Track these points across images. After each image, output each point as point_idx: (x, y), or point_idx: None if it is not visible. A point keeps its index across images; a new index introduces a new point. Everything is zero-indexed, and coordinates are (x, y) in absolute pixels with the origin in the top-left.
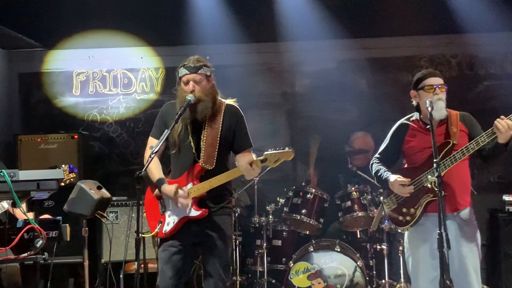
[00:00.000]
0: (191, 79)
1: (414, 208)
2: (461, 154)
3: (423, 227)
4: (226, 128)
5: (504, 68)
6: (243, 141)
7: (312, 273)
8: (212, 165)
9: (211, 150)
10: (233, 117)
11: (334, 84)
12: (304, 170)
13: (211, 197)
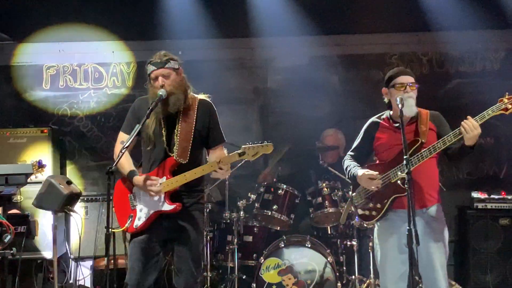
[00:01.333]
0: (159, 74)
1: (380, 203)
2: (428, 152)
3: (391, 222)
4: (200, 123)
5: (474, 66)
6: (216, 137)
7: (282, 269)
8: (185, 159)
9: (185, 144)
10: (207, 112)
11: (306, 80)
12: (276, 166)
13: (184, 192)
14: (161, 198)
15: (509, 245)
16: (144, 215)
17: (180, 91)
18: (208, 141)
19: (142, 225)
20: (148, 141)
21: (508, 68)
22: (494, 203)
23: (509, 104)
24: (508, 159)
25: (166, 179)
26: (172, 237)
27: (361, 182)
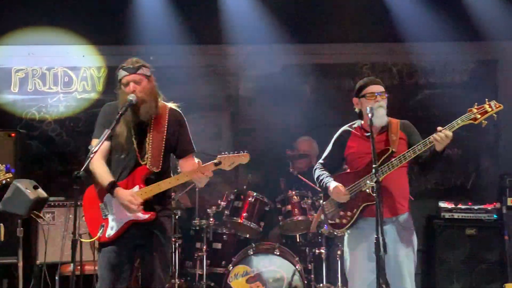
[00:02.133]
0: (131, 80)
1: (351, 211)
2: (398, 161)
3: (361, 230)
4: (170, 133)
5: (444, 77)
6: (186, 146)
7: (251, 276)
8: (158, 167)
9: (157, 153)
10: (177, 121)
11: (278, 88)
12: (246, 174)
13: (155, 199)
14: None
15: (475, 254)
16: (117, 224)
17: (151, 98)
18: (178, 151)
19: (115, 234)
20: (121, 149)
21: (477, 79)
22: (460, 213)
23: (478, 114)
24: (475, 169)
25: (138, 188)
26: (140, 243)
27: (332, 195)
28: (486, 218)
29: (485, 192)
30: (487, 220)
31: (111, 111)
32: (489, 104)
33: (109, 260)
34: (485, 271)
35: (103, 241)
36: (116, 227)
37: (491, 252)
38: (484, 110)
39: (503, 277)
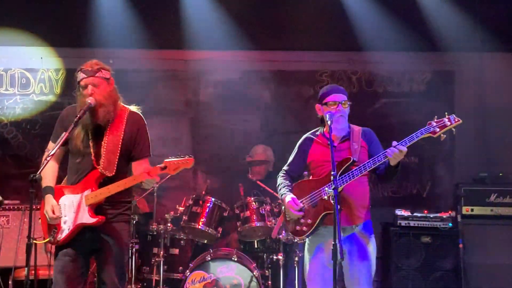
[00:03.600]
0: (90, 83)
1: (312, 219)
2: (358, 171)
3: (322, 237)
4: (127, 136)
5: (401, 86)
6: (142, 150)
7: (208, 282)
8: (112, 172)
9: (112, 157)
10: (135, 124)
11: (238, 94)
12: (204, 179)
13: (109, 203)
14: (85, 211)
15: (430, 262)
16: (67, 227)
17: (109, 102)
18: (133, 154)
19: (65, 237)
20: (77, 152)
21: (434, 89)
22: (416, 220)
23: (437, 128)
24: (431, 178)
25: (91, 191)
26: (96, 248)
27: (286, 209)
28: (441, 226)
29: (440, 200)
30: (442, 228)
31: (68, 114)
32: (449, 118)
33: (63, 264)
34: (439, 278)
35: (59, 245)
36: (67, 230)
37: (445, 260)
38: (443, 124)
39: (457, 285)
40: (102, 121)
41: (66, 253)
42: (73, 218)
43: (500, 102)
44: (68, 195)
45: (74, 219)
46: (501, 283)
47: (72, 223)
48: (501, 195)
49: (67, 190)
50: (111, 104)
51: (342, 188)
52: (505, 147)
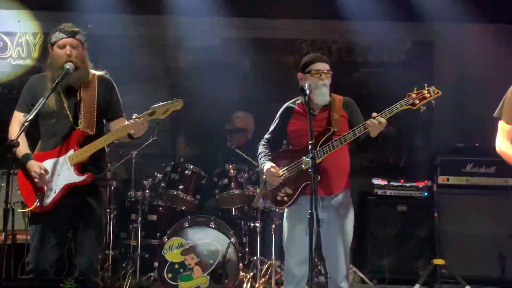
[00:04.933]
0: (68, 44)
1: (292, 189)
2: (339, 142)
3: (301, 206)
4: (101, 97)
5: (381, 56)
6: (117, 110)
7: (185, 248)
8: (92, 130)
9: (90, 116)
10: (107, 86)
11: (218, 62)
12: (183, 146)
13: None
14: (71, 171)
15: (406, 231)
16: (53, 191)
17: (84, 65)
18: (110, 114)
19: (52, 202)
20: (51, 114)
21: (413, 59)
22: (393, 190)
23: (417, 100)
24: (408, 148)
25: (74, 151)
26: (76, 214)
27: (266, 176)
28: (417, 196)
29: (417, 170)
30: (418, 197)
31: (36, 83)
32: (428, 89)
33: (40, 229)
34: (414, 247)
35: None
36: (53, 194)
37: (421, 229)
38: (423, 96)
39: (431, 253)
40: (75, 84)
41: (44, 218)
42: (59, 180)
43: (479, 73)
44: (50, 160)
45: (61, 181)
46: (474, 252)
47: (59, 185)
48: (477, 165)
49: (47, 155)
50: (85, 68)
51: (322, 158)
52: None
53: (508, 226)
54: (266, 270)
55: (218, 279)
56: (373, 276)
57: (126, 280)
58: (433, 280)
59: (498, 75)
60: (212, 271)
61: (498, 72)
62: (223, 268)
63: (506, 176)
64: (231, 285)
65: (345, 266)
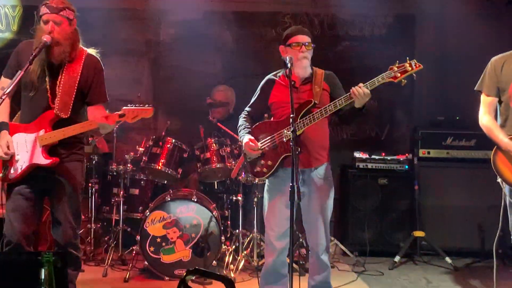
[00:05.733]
0: (51, 19)
1: (272, 161)
2: (319, 114)
3: (280, 179)
4: (83, 79)
5: (363, 30)
6: (98, 95)
7: (168, 222)
8: (66, 114)
9: (67, 98)
10: (92, 68)
11: (199, 35)
12: (164, 120)
13: (62, 143)
14: (39, 151)
15: (386, 204)
16: (20, 166)
17: (67, 42)
18: (89, 98)
19: (17, 176)
20: (31, 86)
21: (395, 34)
22: (374, 163)
23: (398, 73)
24: (389, 121)
25: (45, 132)
26: (50, 187)
27: (245, 149)
28: (398, 169)
29: (398, 143)
30: (399, 170)
31: (24, 49)
32: (410, 63)
33: (16, 203)
34: (395, 219)
35: (8, 182)
36: (19, 168)
37: (401, 201)
38: (404, 69)
39: (412, 225)
40: (57, 60)
41: (18, 191)
42: (26, 157)
43: (460, 47)
44: (21, 134)
45: (27, 159)
46: (454, 224)
47: (25, 162)
48: (457, 138)
49: (21, 128)
50: (68, 45)
51: (302, 131)
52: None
53: (488, 198)
54: (248, 243)
55: (200, 253)
56: (354, 249)
57: (108, 253)
58: (413, 252)
59: (479, 49)
60: (194, 244)
61: (479, 45)
62: (205, 241)
63: (486, 149)
64: (213, 258)
65: (325, 239)
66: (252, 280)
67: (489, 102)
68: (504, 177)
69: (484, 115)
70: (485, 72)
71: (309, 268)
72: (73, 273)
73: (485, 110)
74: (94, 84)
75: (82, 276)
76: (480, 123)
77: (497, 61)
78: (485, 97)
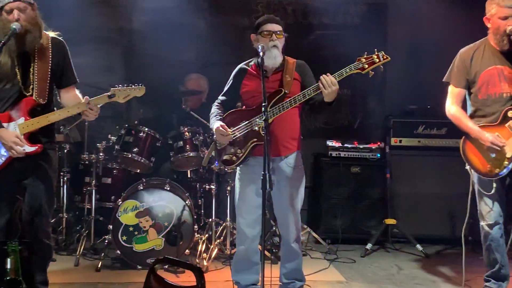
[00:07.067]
0: (15, 7)
1: (242, 149)
2: (288, 104)
3: (251, 167)
4: (55, 63)
5: (336, 19)
6: (70, 76)
7: (140, 211)
8: (44, 99)
9: (43, 84)
10: (60, 51)
11: (173, 23)
12: (138, 109)
13: (41, 131)
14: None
15: (359, 192)
16: (1, 157)
17: (36, 28)
18: (61, 81)
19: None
20: (4, 78)
21: (368, 22)
22: (347, 151)
23: (366, 64)
24: (362, 110)
25: (24, 120)
26: (24, 176)
27: (216, 135)
28: (370, 157)
29: (371, 132)
30: (371, 158)
31: None
32: (377, 55)
33: None
34: (367, 207)
35: None
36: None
37: (373, 189)
38: (372, 61)
39: (383, 213)
40: (29, 48)
41: None
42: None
43: (432, 36)
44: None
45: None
46: (425, 211)
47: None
48: (428, 127)
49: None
50: (37, 30)
51: (272, 119)
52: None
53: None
54: (221, 232)
55: (173, 241)
56: (327, 237)
57: (80, 243)
58: (385, 240)
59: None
60: (167, 233)
61: (451, 35)
62: (178, 230)
63: (456, 137)
64: (186, 247)
65: (295, 227)
66: (225, 268)
67: (457, 93)
68: (473, 165)
69: (452, 105)
70: (454, 64)
71: (281, 256)
72: (44, 262)
73: (452, 101)
74: (65, 66)
75: (53, 266)
76: (448, 113)
77: (466, 53)
78: (453, 88)
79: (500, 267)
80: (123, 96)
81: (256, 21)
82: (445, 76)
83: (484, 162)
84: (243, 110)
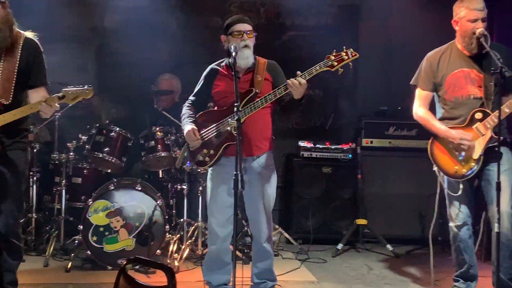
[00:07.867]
0: None
1: (214, 150)
2: (260, 103)
3: (223, 168)
4: (23, 63)
5: (308, 20)
6: (38, 77)
7: (111, 211)
8: (8, 100)
9: (8, 84)
10: (32, 51)
11: (146, 22)
12: (109, 108)
13: (4, 131)
14: None
15: (330, 192)
16: None
17: (6, 26)
18: (30, 81)
19: None
20: None
21: (340, 23)
22: (318, 152)
23: (335, 62)
24: (334, 110)
25: None
26: None
27: (186, 137)
28: (342, 158)
29: (342, 132)
30: (343, 159)
31: None
32: (346, 52)
33: None
34: (338, 207)
35: None
36: None
37: (344, 190)
38: (341, 58)
39: (354, 213)
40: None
41: None
42: None
43: (404, 38)
44: None
45: None
46: (395, 212)
47: None
48: (399, 128)
49: None
50: (6, 29)
51: (244, 119)
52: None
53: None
54: (192, 232)
55: (144, 241)
56: (298, 237)
57: (50, 243)
58: (356, 240)
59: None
60: (138, 233)
61: (423, 36)
62: (149, 230)
63: (426, 138)
64: (157, 247)
65: (267, 227)
66: (196, 269)
67: (424, 96)
68: (440, 166)
69: (419, 107)
70: (421, 67)
71: (252, 256)
72: (14, 263)
73: (419, 103)
74: (36, 67)
75: (23, 266)
76: (415, 115)
77: (433, 56)
78: (421, 91)
79: (469, 267)
80: (72, 98)
81: (226, 22)
82: (413, 79)
83: (451, 164)
84: (215, 111)
